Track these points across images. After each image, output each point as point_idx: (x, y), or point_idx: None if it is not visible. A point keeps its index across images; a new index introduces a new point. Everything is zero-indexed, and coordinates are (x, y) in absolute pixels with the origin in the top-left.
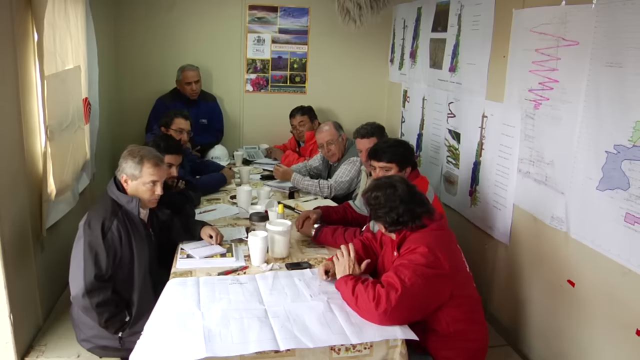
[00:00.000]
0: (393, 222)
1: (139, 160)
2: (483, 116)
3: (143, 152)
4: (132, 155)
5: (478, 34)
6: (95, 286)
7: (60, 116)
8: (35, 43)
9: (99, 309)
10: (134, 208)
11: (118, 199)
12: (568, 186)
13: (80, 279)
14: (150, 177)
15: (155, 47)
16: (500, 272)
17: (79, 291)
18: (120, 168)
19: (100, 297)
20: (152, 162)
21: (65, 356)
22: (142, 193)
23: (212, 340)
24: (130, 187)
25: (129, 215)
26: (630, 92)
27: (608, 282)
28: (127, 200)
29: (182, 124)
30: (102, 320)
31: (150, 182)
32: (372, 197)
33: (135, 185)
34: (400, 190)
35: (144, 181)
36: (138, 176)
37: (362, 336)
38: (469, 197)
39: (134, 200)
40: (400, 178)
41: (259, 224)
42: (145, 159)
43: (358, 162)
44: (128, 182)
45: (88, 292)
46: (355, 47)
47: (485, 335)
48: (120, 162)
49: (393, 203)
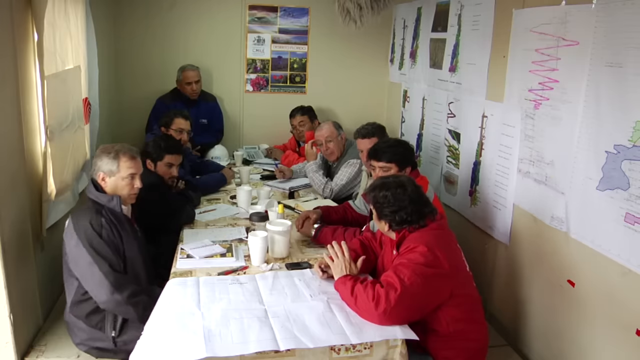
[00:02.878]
0: (400, 222)
1: (115, 156)
2: (483, 116)
3: (117, 147)
4: (106, 152)
5: (478, 34)
6: (120, 280)
7: (60, 116)
8: (35, 43)
9: (131, 300)
10: (115, 206)
11: (98, 199)
12: (568, 186)
13: (102, 279)
14: (128, 170)
15: (155, 47)
16: (500, 272)
17: (107, 291)
18: (96, 167)
19: (129, 289)
20: (128, 156)
21: (65, 356)
22: (121, 189)
23: (212, 340)
24: (109, 185)
25: (114, 213)
26: (630, 92)
27: (608, 282)
28: (108, 199)
29: (182, 124)
30: (140, 312)
31: (129, 176)
32: (380, 196)
33: (114, 181)
34: (410, 190)
35: (122, 175)
36: (115, 171)
37: (362, 336)
38: (469, 197)
39: (114, 198)
40: (408, 178)
41: (259, 224)
42: (121, 153)
43: (358, 164)
44: (106, 179)
45: (117, 287)
46: (355, 47)
47: (485, 335)
48: (95, 161)
49: (402, 203)
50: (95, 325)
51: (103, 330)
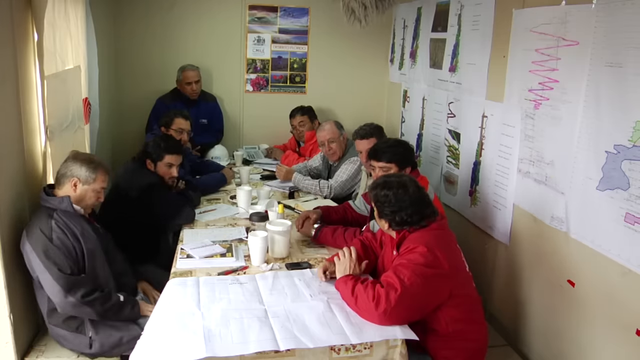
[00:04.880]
0: (400, 222)
1: (95, 167)
2: (483, 116)
3: (98, 160)
4: (87, 162)
5: (478, 34)
6: (71, 281)
7: (60, 116)
8: (35, 43)
9: (86, 299)
10: (67, 206)
11: (49, 202)
12: (568, 186)
13: (53, 284)
14: (101, 183)
15: (155, 47)
16: (500, 272)
17: (59, 294)
18: (69, 172)
19: (82, 290)
20: (104, 170)
21: (65, 356)
22: (88, 198)
23: (212, 340)
24: (78, 191)
25: (66, 213)
26: (630, 92)
27: (608, 282)
28: (58, 201)
29: (182, 124)
30: (99, 310)
31: (101, 189)
32: (381, 195)
33: (85, 189)
34: (412, 191)
35: (95, 187)
36: (91, 182)
37: (362, 336)
38: (469, 197)
39: (64, 199)
40: (410, 178)
41: (259, 224)
42: (100, 167)
43: (358, 162)
44: (78, 185)
45: (68, 290)
46: (355, 47)
47: (484, 335)
48: (69, 165)
49: (403, 203)
50: (76, 329)
51: (84, 333)
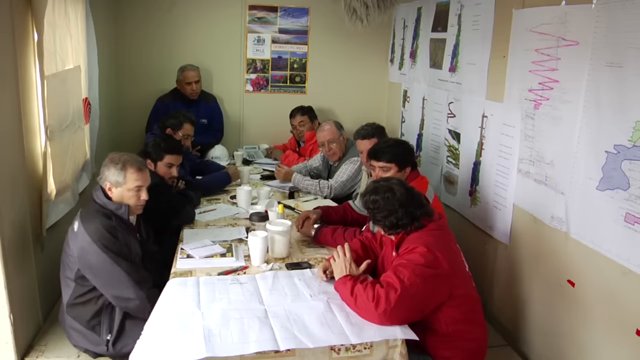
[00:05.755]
0: (392, 226)
1: (122, 167)
2: (483, 116)
3: (125, 158)
4: (114, 162)
5: (478, 34)
6: (141, 276)
7: (60, 116)
8: (35, 43)
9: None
10: (123, 214)
11: (106, 206)
12: (568, 186)
13: (123, 277)
14: (134, 182)
15: (155, 47)
16: (500, 272)
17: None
18: (103, 176)
19: (147, 284)
20: (135, 167)
21: (65, 356)
22: (127, 199)
23: (212, 340)
24: (115, 195)
25: (121, 219)
26: (630, 92)
27: (608, 282)
28: (116, 207)
29: (190, 130)
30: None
31: (135, 188)
32: (370, 201)
33: (120, 192)
34: (399, 194)
35: (129, 187)
36: (122, 183)
37: (362, 336)
38: (469, 197)
39: (122, 206)
40: (398, 181)
41: (259, 224)
42: (128, 165)
43: (359, 162)
44: (112, 189)
45: (138, 282)
46: (355, 47)
47: (484, 335)
48: (102, 170)
49: (392, 207)
50: (92, 328)
51: (98, 333)
